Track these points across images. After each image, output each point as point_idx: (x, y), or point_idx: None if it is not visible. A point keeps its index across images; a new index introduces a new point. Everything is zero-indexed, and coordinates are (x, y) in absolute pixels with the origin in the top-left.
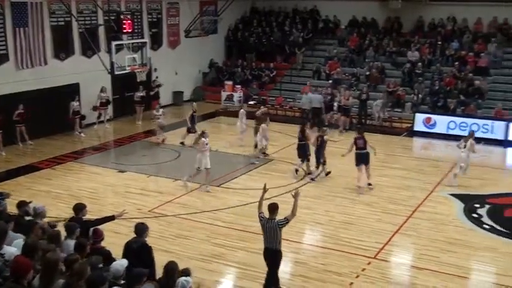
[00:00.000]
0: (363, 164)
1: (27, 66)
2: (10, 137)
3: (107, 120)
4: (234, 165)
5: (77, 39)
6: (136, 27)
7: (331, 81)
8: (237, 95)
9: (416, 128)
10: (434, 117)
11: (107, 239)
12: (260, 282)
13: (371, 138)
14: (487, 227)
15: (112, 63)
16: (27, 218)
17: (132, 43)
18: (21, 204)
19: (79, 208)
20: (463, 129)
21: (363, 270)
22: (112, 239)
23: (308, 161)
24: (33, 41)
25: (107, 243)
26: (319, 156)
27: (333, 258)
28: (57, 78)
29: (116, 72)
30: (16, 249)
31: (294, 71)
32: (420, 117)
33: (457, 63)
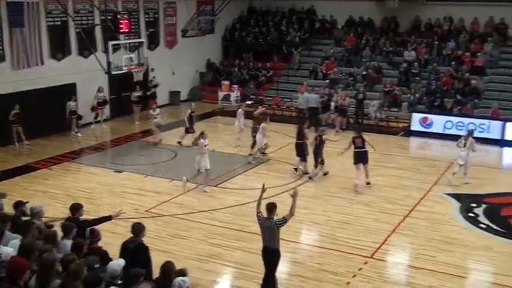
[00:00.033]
0: (361, 162)
1: (24, 66)
2: (6, 137)
3: (103, 120)
4: (231, 165)
5: (74, 39)
6: (133, 27)
7: (327, 81)
8: (234, 95)
9: (413, 127)
10: (431, 116)
11: (104, 239)
12: (257, 282)
13: (367, 138)
14: (484, 226)
15: (109, 63)
16: (24, 218)
17: (129, 43)
18: (18, 205)
19: (76, 208)
20: (459, 129)
21: (360, 269)
22: (109, 239)
23: (305, 160)
24: (30, 41)
25: (104, 243)
26: (317, 155)
27: (330, 258)
28: (54, 78)
29: (113, 72)
30: (12, 249)
31: (290, 71)
32: (417, 117)
33: (453, 63)
